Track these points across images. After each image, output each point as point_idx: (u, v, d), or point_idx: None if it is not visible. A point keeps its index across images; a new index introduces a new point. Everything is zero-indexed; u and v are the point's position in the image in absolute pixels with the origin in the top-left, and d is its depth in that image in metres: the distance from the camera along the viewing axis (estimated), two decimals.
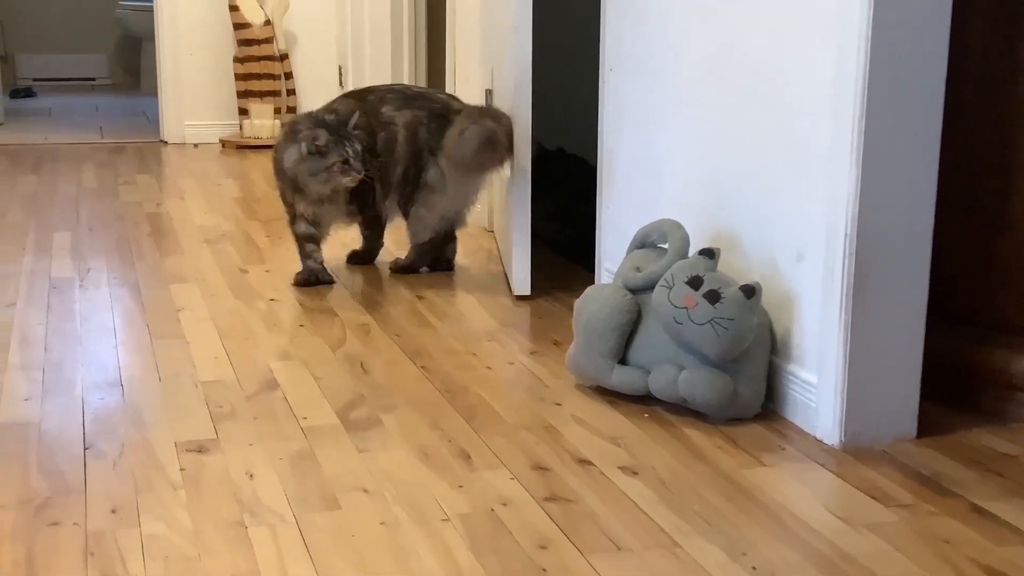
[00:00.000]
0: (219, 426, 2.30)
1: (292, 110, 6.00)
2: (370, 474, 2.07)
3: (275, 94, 6.02)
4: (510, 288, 3.32)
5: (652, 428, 2.31)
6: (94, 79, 9.05)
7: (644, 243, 2.58)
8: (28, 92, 8.32)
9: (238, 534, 1.84)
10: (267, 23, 5.97)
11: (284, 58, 6.06)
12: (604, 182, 3.13)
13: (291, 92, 6.08)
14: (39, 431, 2.27)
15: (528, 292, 3.25)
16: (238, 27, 5.96)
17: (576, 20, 4.26)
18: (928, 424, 2.28)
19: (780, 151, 2.36)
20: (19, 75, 8.82)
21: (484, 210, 4.15)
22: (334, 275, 3.44)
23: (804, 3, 2.25)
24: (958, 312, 2.46)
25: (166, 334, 2.90)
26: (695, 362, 2.33)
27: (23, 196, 4.71)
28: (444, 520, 1.90)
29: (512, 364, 2.71)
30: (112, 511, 1.92)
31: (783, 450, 2.21)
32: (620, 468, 2.11)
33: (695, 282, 2.30)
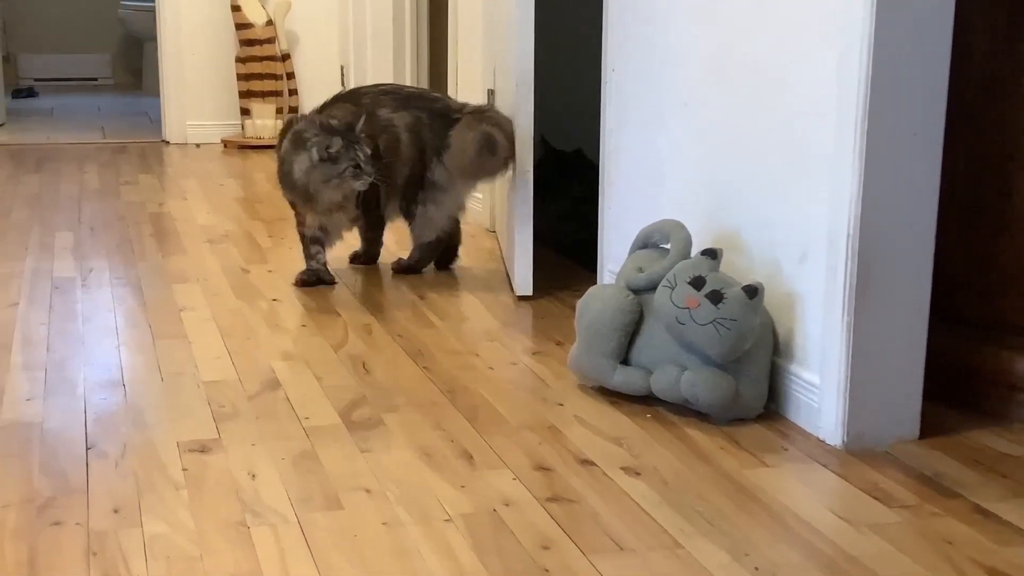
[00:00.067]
0: (221, 426, 2.30)
1: (294, 110, 6.00)
2: (372, 474, 2.07)
3: (277, 94, 6.02)
4: (512, 288, 3.32)
5: (654, 429, 2.31)
6: (96, 79, 9.06)
7: (647, 243, 2.58)
8: (30, 92, 8.32)
9: (240, 534, 1.84)
10: (269, 23, 5.97)
11: (286, 58, 6.06)
12: (606, 182, 3.13)
13: (293, 92, 6.08)
14: (41, 431, 2.27)
15: (530, 292, 3.25)
16: (240, 27, 5.96)
17: (583, 20, 4.25)
18: (931, 425, 2.27)
19: (782, 151, 2.35)
20: (21, 75, 8.83)
21: (485, 210, 4.15)
22: (336, 276, 3.44)
23: (806, 3, 2.24)
24: (960, 313, 2.46)
25: (168, 334, 2.90)
26: (697, 362, 2.33)
27: (25, 196, 4.71)
28: (446, 520, 1.90)
29: (514, 364, 2.71)
30: (114, 511, 1.92)
31: (785, 451, 2.20)
32: (622, 468, 2.11)
33: (697, 282, 2.30)
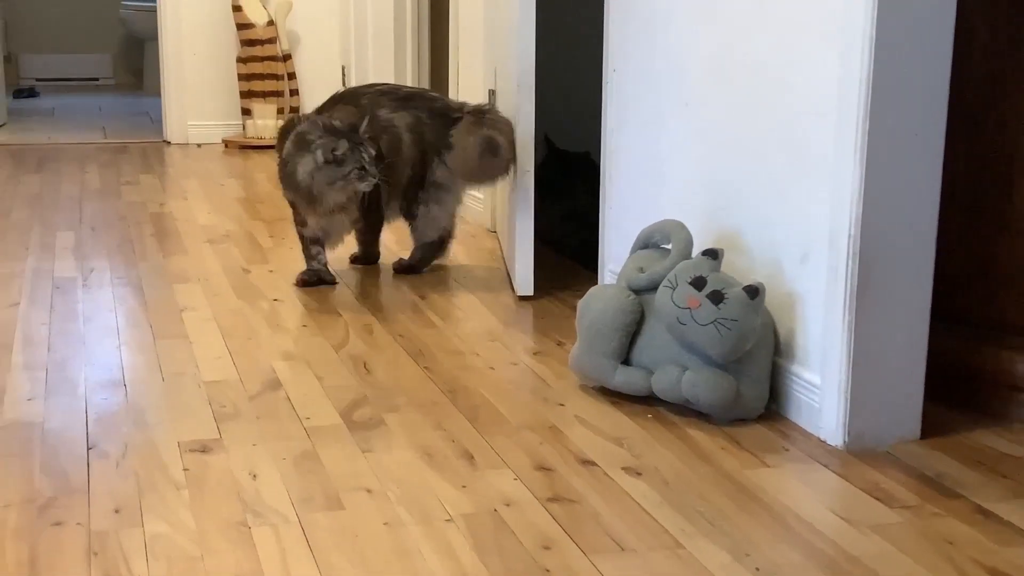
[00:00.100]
0: (222, 426, 2.30)
1: (295, 110, 6.00)
2: (373, 474, 2.07)
3: (278, 94, 6.02)
4: (513, 288, 3.32)
5: (655, 429, 2.31)
6: (97, 79, 9.07)
7: (648, 243, 2.58)
8: (31, 92, 8.33)
9: (241, 534, 1.84)
10: (270, 23, 5.97)
11: (287, 58, 6.06)
12: (607, 182, 3.13)
13: (294, 92, 6.08)
14: (42, 431, 2.27)
15: (531, 292, 3.25)
16: (241, 27, 5.96)
17: (584, 20, 4.25)
18: (932, 425, 2.27)
19: (783, 151, 2.35)
20: (22, 75, 8.83)
21: (486, 210, 4.15)
22: (337, 276, 3.44)
23: (806, 3, 2.24)
24: (961, 313, 2.46)
25: (169, 334, 2.90)
26: (698, 363, 2.33)
27: (26, 196, 4.71)
28: (447, 520, 1.90)
29: (515, 364, 2.71)
30: (115, 511, 1.92)
31: (787, 451, 2.20)
32: (623, 469, 2.11)
33: (698, 283, 2.30)
